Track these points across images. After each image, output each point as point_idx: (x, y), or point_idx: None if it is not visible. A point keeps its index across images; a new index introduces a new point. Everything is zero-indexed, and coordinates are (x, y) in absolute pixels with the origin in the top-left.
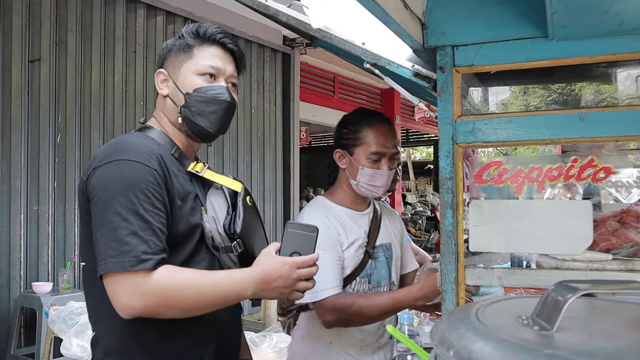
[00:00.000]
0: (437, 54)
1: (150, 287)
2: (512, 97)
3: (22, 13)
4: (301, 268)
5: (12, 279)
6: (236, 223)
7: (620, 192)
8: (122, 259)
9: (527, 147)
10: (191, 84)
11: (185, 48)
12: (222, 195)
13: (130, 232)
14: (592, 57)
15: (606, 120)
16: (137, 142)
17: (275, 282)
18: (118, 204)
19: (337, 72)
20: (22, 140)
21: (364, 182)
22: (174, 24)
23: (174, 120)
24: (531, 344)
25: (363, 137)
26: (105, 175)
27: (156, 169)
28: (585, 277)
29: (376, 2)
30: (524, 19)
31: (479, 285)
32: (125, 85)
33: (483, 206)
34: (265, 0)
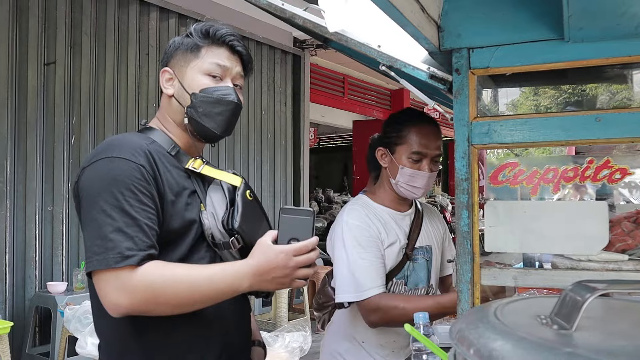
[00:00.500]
0: (452, 56)
1: (135, 283)
2: (522, 97)
3: (38, 16)
4: (298, 255)
5: (27, 279)
6: (234, 218)
7: (631, 193)
8: (106, 256)
9: (539, 148)
10: (197, 84)
11: (193, 48)
12: (221, 190)
13: (114, 228)
14: (608, 59)
15: (622, 121)
16: (126, 139)
17: (271, 272)
18: (103, 201)
19: (346, 73)
20: (37, 142)
21: (403, 181)
22: (186, 26)
23: (179, 120)
24: (551, 343)
25: (405, 136)
26: (92, 173)
27: (143, 165)
28: (601, 278)
29: (394, 6)
30: (539, 22)
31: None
32: (138, 87)
33: (498, 207)
34: (282, 4)
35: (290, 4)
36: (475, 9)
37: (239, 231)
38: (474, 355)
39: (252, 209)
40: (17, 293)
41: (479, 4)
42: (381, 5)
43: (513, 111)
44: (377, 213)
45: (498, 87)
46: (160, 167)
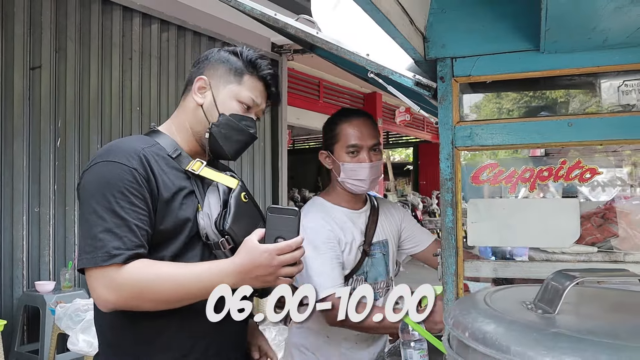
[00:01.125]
0: (437, 65)
1: (121, 280)
2: (485, 100)
3: (23, 22)
4: (282, 254)
5: (15, 279)
6: (225, 219)
7: (591, 192)
8: (95, 254)
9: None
10: (230, 107)
11: (237, 71)
12: (217, 192)
13: (104, 229)
14: (579, 68)
15: (592, 125)
16: (124, 144)
17: (255, 271)
18: (95, 203)
19: (322, 77)
20: (23, 144)
21: (347, 177)
22: (168, 32)
23: (197, 130)
24: (539, 325)
25: (339, 132)
26: (89, 177)
27: (135, 168)
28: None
29: (388, 20)
30: (516, 34)
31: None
32: (121, 91)
33: (479, 204)
34: (275, 14)
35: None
36: (458, 21)
37: (229, 232)
38: (470, 338)
39: (247, 211)
40: (5, 292)
41: (462, 17)
42: (376, 18)
43: (476, 113)
44: (333, 214)
45: (475, 92)
46: (155, 169)
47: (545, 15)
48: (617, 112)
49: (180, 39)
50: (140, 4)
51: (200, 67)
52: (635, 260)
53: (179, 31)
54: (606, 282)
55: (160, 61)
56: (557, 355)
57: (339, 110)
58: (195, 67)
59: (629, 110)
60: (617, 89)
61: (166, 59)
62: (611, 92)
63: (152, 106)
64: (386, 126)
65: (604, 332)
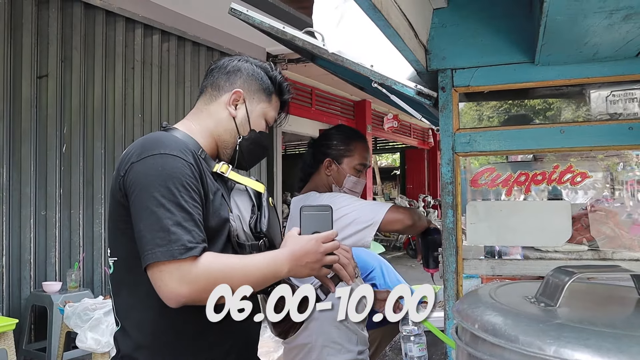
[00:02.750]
0: (438, 76)
1: (197, 273)
2: (466, 107)
3: (31, 32)
4: (326, 242)
5: (22, 279)
6: (262, 222)
7: (569, 194)
8: (171, 247)
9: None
10: (259, 125)
11: (268, 89)
12: (247, 195)
13: (174, 222)
14: (570, 80)
15: (582, 133)
16: (170, 138)
17: (305, 257)
18: (160, 196)
19: (314, 86)
20: (30, 150)
21: (349, 187)
22: (169, 42)
23: (224, 139)
24: (543, 317)
25: (354, 149)
26: (145, 169)
27: (192, 163)
28: None
29: (398, 34)
30: (512, 47)
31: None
32: (124, 99)
33: (478, 206)
34: (283, 27)
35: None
36: (458, 35)
37: (267, 234)
38: (479, 329)
39: (274, 213)
40: (13, 293)
41: (461, 32)
42: (386, 32)
43: (460, 120)
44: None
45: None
46: (202, 167)
47: (543, 30)
48: (605, 120)
49: (180, 48)
50: (142, 16)
51: (231, 77)
52: (622, 257)
53: (179, 41)
54: (595, 278)
55: (161, 70)
56: (563, 344)
57: (345, 127)
58: (225, 75)
59: (616, 118)
60: (606, 99)
61: (167, 68)
62: (600, 102)
63: (154, 113)
64: (375, 132)
65: (602, 323)
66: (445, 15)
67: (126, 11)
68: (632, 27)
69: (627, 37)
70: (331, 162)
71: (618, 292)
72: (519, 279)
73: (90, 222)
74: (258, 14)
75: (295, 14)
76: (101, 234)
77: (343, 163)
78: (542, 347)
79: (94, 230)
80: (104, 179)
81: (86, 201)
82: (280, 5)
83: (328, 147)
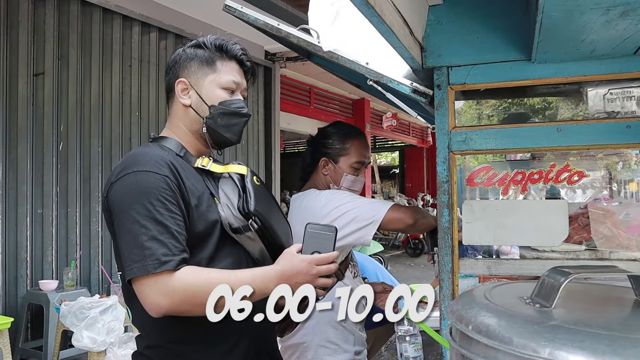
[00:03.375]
0: (434, 73)
1: (174, 286)
2: (465, 106)
3: (27, 30)
4: (320, 265)
5: (19, 278)
6: (248, 202)
7: (567, 193)
8: (145, 263)
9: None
10: (216, 96)
11: (209, 61)
12: (231, 181)
13: (149, 237)
14: (567, 77)
15: (579, 131)
16: (147, 154)
17: (295, 277)
18: (135, 213)
19: (312, 84)
20: (27, 148)
21: (347, 186)
22: (166, 40)
23: (195, 129)
24: (538, 318)
25: (349, 147)
26: (121, 187)
27: (167, 175)
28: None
29: (392, 31)
30: (509, 45)
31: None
32: (121, 97)
33: (474, 205)
34: (278, 24)
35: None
36: (454, 33)
37: (255, 213)
38: (473, 331)
39: (262, 193)
40: (9, 291)
41: (457, 29)
42: (380, 29)
43: (457, 119)
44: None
45: (467, 99)
46: (183, 175)
47: (539, 27)
48: (602, 119)
49: (178, 46)
50: (140, 13)
51: (174, 71)
52: (619, 257)
53: (176, 39)
54: (592, 279)
55: (158, 68)
56: (558, 346)
57: (341, 123)
58: (169, 73)
59: (613, 117)
60: (603, 97)
61: (164, 66)
62: (597, 100)
63: (151, 111)
64: (373, 131)
65: (598, 325)
66: (441, 12)
67: (123, 9)
68: (630, 24)
69: (624, 34)
70: (327, 162)
71: (615, 292)
72: (516, 278)
73: (87, 221)
74: (252, 11)
75: (293, 11)
76: (98, 232)
77: (340, 162)
78: (536, 349)
79: (90, 229)
80: (100, 177)
81: (83, 199)
82: (277, 3)
83: (324, 146)
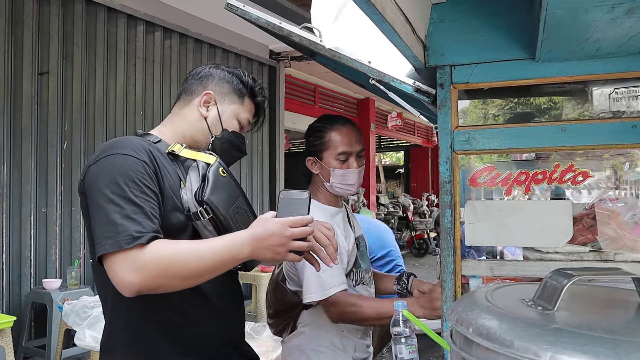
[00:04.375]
0: (437, 72)
1: (145, 259)
2: (471, 105)
3: (32, 29)
4: (294, 227)
5: (22, 276)
6: (204, 190)
7: (573, 194)
8: (117, 238)
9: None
10: (232, 125)
11: (240, 92)
12: (197, 169)
13: (123, 215)
14: (572, 76)
15: (584, 131)
16: (128, 140)
17: (268, 239)
18: (110, 192)
19: (317, 84)
20: (31, 147)
21: (337, 182)
22: (171, 39)
23: (197, 139)
24: (539, 321)
25: (328, 140)
26: (98, 169)
27: (145, 161)
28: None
29: (394, 29)
30: (512, 43)
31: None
32: (126, 96)
33: (477, 206)
34: (280, 23)
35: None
36: (457, 31)
37: (207, 202)
38: (473, 333)
39: (226, 184)
40: (13, 290)
41: (460, 27)
42: (381, 27)
43: (463, 118)
44: (330, 213)
45: (470, 98)
46: (160, 165)
47: (543, 25)
48: (608, 119)
49: (182, 46)
50: (144, 13)
51: (204, 82)
52: (624, 259)
53: (180, 38)
54: (596, 280)
55: (162, 67)
56: (559, 349)
57: (322, 117)
58: (197, 80)
59: (619, 116)
60: (608, 96)
61: (168, 65)
62: (602, 99)
63: (155, 110)
64: (378, 130)
65: (601, 328)
66: (444, 11)
67: (128, 8)
68: (636, 22)
69: (630, 32)
70: (314, 161)
71: (619, 295)
72: (520, 279)
73: None
74: (254, 10)
75: (298, 10)
76: None
77: (324, 157)
78: (537, 353)
79: None
80: None
81: None
82: (281, 1)
83: (308, 145)
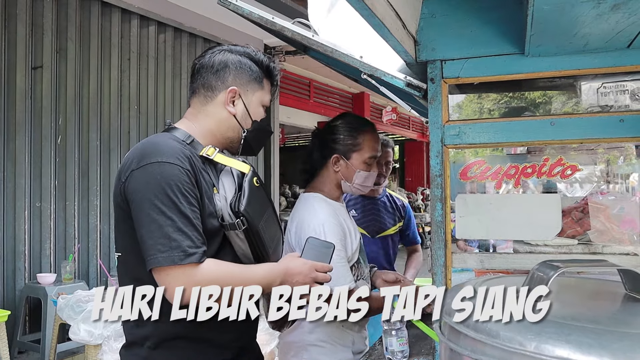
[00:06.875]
0: (428, 67)
1: (199, 278)
2: (466, 100)
3: (25, 23)
4: (319, 271)
5: (17, 271)
6: (240, 202)
7: (570, 188)
8: (171, 254)
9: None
10: (259, 113)
11: (258, 77)
12: (231, 176)
13: (175, 228)
14: (561, 71)
15: (572, 125)
16: (167, 144)
17: (296, 276)
18: (160, 203)
19: (312, 78)
20: (25, 141)
21: (359, 183)
22: (165, 33)
23: (229, 136)
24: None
25: (361, 142)
26: (144, 176)
27: (189, 170)
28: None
29: (383, 24)
30: (502, 38)
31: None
32: (120, 90)
33: (467, 199)
34: (272, 17)
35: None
36: (447, 26)
37: (244, 214)
38: (461, 324)
39: (259, 195)
40: (7, 284)
41: (451, 22)
42: (371, 22)
43: (458, 112)
44: (336, 209)
45: (462, 93)
46: (198, 172)
47: (531, 21)
48: (596, 113)
49: (177, 40)
50: (138, 7)
51: (221, 75)
52: (612, 251)
53: (175, 33)
54: (585, 272)
55: (157, 61)
56: (544, 339)
57: (351, 116)
58: (214, 74)
59: (607, 110)
60: (597, 91)
61: (163, 60)
62: (591, 94)
63: (150, 105)
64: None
65: (585, 318)
66: (434, 6)
67: (122, 2)
68: (622, 17)
69: (616, 27)
70: (339, 158)
71: (606, 287)
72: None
73: (85, 214)
74: (247, 4)
75: (293, 5)
76: (96, 225)
77: (352, 158)
78: (522, 343)
79: (89, 222)
80: (99, 170)
81: (81, 193)
82: None
83: (335, 142)
